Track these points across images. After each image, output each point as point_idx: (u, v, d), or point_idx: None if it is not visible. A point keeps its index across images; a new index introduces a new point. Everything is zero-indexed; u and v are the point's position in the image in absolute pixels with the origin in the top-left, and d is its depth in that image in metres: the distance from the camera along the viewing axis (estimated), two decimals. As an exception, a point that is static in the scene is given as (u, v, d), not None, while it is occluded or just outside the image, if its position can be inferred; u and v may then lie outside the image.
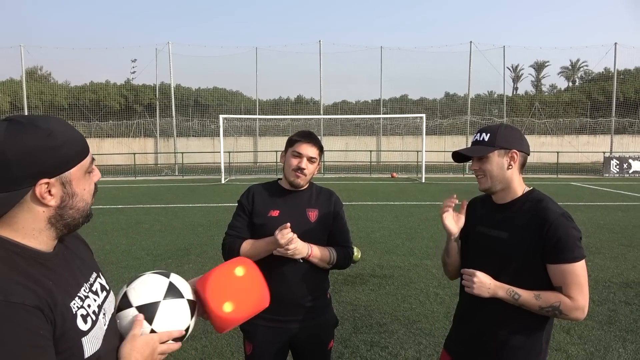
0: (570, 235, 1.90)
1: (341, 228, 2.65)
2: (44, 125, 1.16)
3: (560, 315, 1.92)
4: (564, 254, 1.89)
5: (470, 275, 2.03)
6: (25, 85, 31.36)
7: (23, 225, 1.19)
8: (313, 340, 2.58)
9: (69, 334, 1.15)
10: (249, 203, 2.57)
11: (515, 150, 2.03)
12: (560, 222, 1.91)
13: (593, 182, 21.54)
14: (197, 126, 35.76)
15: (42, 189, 1.16)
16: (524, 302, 1.95)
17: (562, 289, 1.92)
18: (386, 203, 14.36)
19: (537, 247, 1.94)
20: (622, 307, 5.47)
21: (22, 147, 1.11)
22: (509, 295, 1.96)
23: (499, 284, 1.99)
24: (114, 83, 40.05)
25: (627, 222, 10.97)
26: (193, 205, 13.98)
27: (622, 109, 35.04)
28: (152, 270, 1.68)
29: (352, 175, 26.21)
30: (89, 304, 1.27)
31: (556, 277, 1.93)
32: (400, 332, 4.85)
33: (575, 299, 1.90)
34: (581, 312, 1.92)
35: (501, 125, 2.10)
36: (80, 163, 1.23)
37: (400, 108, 39.21)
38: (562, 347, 4.46)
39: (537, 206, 2.00)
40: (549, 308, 1.92)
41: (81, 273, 1.33)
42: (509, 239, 2.01)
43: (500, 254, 2.03)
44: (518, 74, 63.01)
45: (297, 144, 2.52)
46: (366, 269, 7.07)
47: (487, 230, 2.11)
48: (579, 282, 1.90)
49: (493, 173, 2.05)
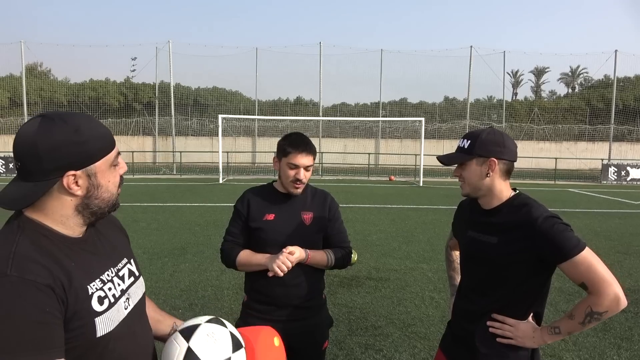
0: (561, 230, 1.87)
1: (338, 229, 2.66)
2: (72, 121, 1.27)
3: (603, 315, 1.85)
4: (566, 250, 1.85)
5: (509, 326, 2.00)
6: (24, 81, 31.31)
7: (53, 212, 1.30)
8: (307, 340, 2.58)
9: (81, 313, 1.24)
10: (244, 207, 2.58)
11: (493, 158, 2.01)
12: (548, 223, 1.89)
13: (591, 189, 21.56)
14: (196, 125, 35.72)
15: (69, 180, 1.27)
16: (566, 332, 1.94)
17: (585, 285, 1.87)
18: (383, 206, 14.37)
19: (527, 251, 1.92)
20: (617, 315, 5.43)
21: (52, 142, 1.22)
22: (552, 334, 1.95)
23: (538, 331, 1.97)
24: (113, 81, 40.04)
25: (623, 229, 10.98)
26: (190, 204, 13.96)
27: (621, 117, 35.10)
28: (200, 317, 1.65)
29: (350, 177, 26.22)
30: (110, 287, 1.36)
31: (573, 275, 1.88)
32: (395, 335, 4.84)
33: (601, 290, 1.83)
34: (617, 301, 1.84)
35: (483, 132, 2.06)
36: (105, 157, 1.33)
37: (399, 111, 39.24)
38: (557, 354, 4.46)
39: (521, 210, 1.98)
40: (588, 318, 1.87)
41: (109, 258, 1.44)
42: (497, 244, 2.00)
43: (490, 259, 2.02)
44: (518, 80, 63.16)
45: (292, 155, 2.47)
46: (362, 271, 7.07)
47: (477, 235, 2.11)
48: (595, 271, 1.84)
49: (471, 180, 2.06)
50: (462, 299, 2.22)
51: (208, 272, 6.90)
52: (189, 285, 6.31)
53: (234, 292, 6.01)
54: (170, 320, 1.73)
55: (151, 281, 6.40)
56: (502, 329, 2.00)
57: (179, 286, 6.25)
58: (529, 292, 2.01)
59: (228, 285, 6.30)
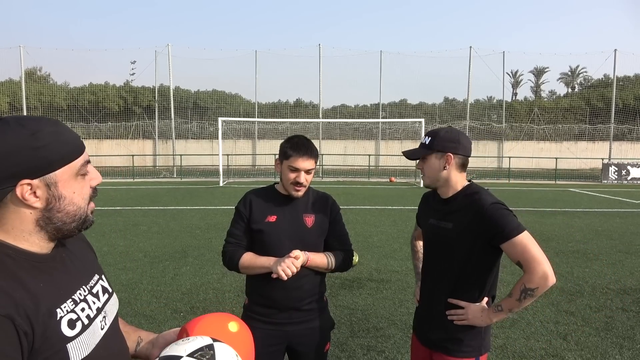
0: (504, 215, 2.14)
1: (339, 232, 2.66)
2: (30, 125, 1.13)
3: (535, 291, 2.09)
4: (507, 231, 2.10)
5: (461, 310, 2.27)
6: (24, 86, 31.39)
7: (13, 227, 1.16)
8: (309, 343, 2.57)
9: (51, 340, 1.11)
10: (247, 209, 2.57)
11: (449, 153, 2.27)
12: (493, 208, 2.16)
13: (591, 189, 21.54)
14: (196, 128, 35.74)
15: (23, 189, 1.12)
16: (507, 309, 2.17)
17: (520, 263, 2.11)
18: (384, 207, 14.37)
19: (476, 234, 2.18)
20: (619, 314, 5.46)
21: (3, 146, 1.08)
22: (497, 311, 2.20)
23: (486, 310, 2.23)
24: (113, 84, 40.02)
25: (625, 228, 10.98)
26: (191, 207, 13.96)
27: (621, 116, 35.12)
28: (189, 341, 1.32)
29: (351, 179, 26.24)
30: (84, 307, 1.24)
31: (511, 254, 2.12)
32: (397, 337, 4.84)
33: (533, 268, 2.07)
34: (545, 278, 2.07)
35: (441, 130, 2.34)
36: (68, 165, 1.18)
37: (399, 112, 39.25)
38: (559, 354, 4.45)
39: (472, 198, 2.25)
40: (523, 294, 2.11)
41: (80, 275, 1.30)
42: (452, 228, 2.27)
43: (447, 242, 2.30)
44: (517, 80, 63.13)
45: (292, 158, 2.47)
46: (364, 273, 7.07)
47: (436, 222, 2.38)
48: (530, 251, 2.08)
49: (430, 173, 2.34)
50: (424, 282, 2.50)
51: (209, 275, 6.90)
52: (190, 288, 6.31)
53: (235, 295, 6.00)
54: (135, 335, 1.58)
55: (152, 284, 6.40)
56: (456, 312, 2.28)
57: (180, 289, 6.24)
58: (480, 272, 2.26)
59: (229, 288, 6.29)
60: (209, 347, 1.28)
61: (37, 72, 43.12)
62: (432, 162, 2.31)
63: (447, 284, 2.31)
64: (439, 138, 2.29)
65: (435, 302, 2.37)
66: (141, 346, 1.56)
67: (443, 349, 2.33)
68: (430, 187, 2.41)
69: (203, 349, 1.26)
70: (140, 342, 1.56)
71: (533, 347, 4.60)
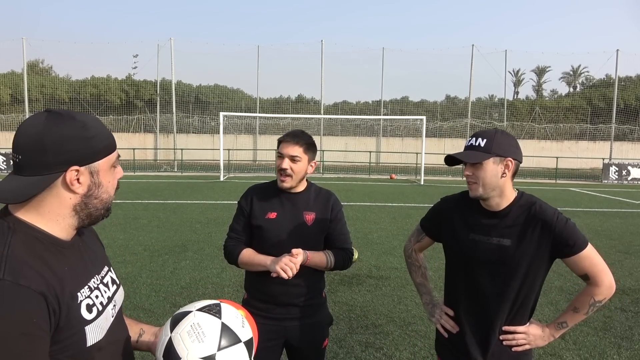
0: (573, 228, 2.00)
1: (340, 230, 2.64)
2: (80, 118, 1.26)
3: (603, 302, 2.03)
4: (576, 244, 1.97)
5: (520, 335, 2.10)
6: (26, 78, 31.33)
7: (49, 210, 1.25)
8: (307, 339, 2.58)
9: (72, 321, 1.20)
10: (248, 205, 2.57)
11: (510, 158, 2.01)
12: (560, 219, 2.00)
13: (591, 188, 21.56)
14: (197, 123, 35.73)
15: (72, 175, 1.23)
16: (572, 324, 2.09)
17: (587, 276, 2.01)
18: (384, 204, 14.37)
19: (544, 248, 2.00)
20: (617, 314, 5.47)
21: (59, 135, 1.20)
22: (560, 328, 2.11)
23: (546, 329, 2.11)
24: (115, 78, 39.96)
25: (624, 229, 10.98)
26: (191, 202, 13.97)
27: (622, 116, 35.06)
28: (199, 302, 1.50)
29: (351, 175, 26.23)
30: (97, 294, 1.33)
31: (578, 267, 2.01)
32: (395, 334, 4.85)
33: (601, 279, 1.99)
34: (612, 288, 2.01)
35: (497, 131, 2.06)
36: (108, 156, 1.32)
37: (400, 109, 39.20)
38: (557, 353, 4.46)
39: (532, 210, 2.04)
40: (592, 307, 2.03)
41: (93, 265, 1.40)
42: (512, 245, 2.02)
43: (507, 261, 2.03)
44: (519, 79, 63.01)
45: (281, 145, 2.50)
46: (363, 269, 7.08)
47: (485, 239, 2.07)
48: (597, 263, 1.99)
49: (486, 180, 2.01)
50: (467, 306, 2.18)
51: (208, 269, 6.91)
52: (189, 282, 6.32)
53: (234, 290, 6.01)
54: (137, 327, 1.63)
55: (152, 278, 6.41)
56: (515, 339, 2.09)
57: (180, 283, 6.25)
58: (535, 289, 2.09)
59: (228, 283, 6.30)
60: (216, 305, 1.46)
61: (39, 65, 43.12)
62: (489, 168, 2.00)
63: (504, 306, 2.07)
64: (497, 140, 2.00)
65: (487, 328, 2.11)
66: (142, 337, 1.62)
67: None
68: (483, 197, 2.06)
69: (210, 306, 1.44)
70: (142, 334, 1.62)
71: (531, 345, 4.61)
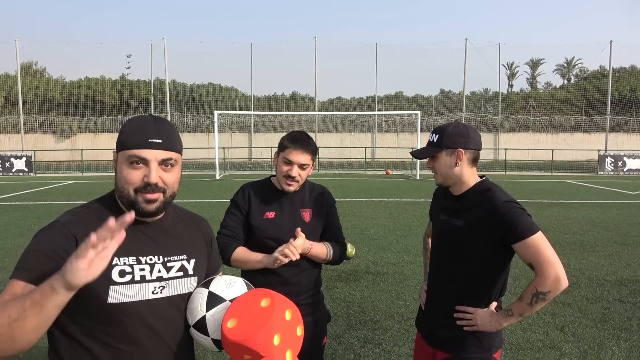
0: (517, 214, 2.04)
1: (335, 224, 2.65)
2: (135, 116, 1.58)
3: (547, 295, 2.02)
4: (519, 230, 2.02)
5: (470, 315, 2.20)
6: (20, 80, 31.29)
7: (116, 187, 1.56)
8: (307, 337, 2.55)
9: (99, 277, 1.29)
10: (246, 203, 2.53)
11: (460, 149, 2.18)
12: (506, 206, 2.06)
13: (588, 180, 21.60)
14: (192, 122, 35.69)
15: (114, 156, 1.56)
16: (517, 313, 2.10)
17: (532, 265, 2.03)
18: (381, 200, 14.37)
19: (488, 232, 2.10)
20: (616, 305, 5.47)
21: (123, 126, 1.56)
22: (507, 316, 2.13)
23: (494, 316, 2.16)
24: (108, 78, 39.88)
25: (621, 220, 11.00)
26: (187, 200, 13.90)
27: (617, 107, 35.20)
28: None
29: (347, 171, 26.22)
30: (144, 268, 1.51)
31: (523, 255, 2.05)
32: (394, 329, 4.84)
33: (545, 271, 2.00)
34: (558, 282, 2.00)
35: (449, 125, 2.25)
36: (124, 150, 1.50)
37: (395, 105, 39.25)
38: (556, 345, 4.46)
39: (484, 195, 2.16)
40: (535, 298, 2.03)
41: (162, 248, 1.58)
42: (463, 226, 2.19)
43: (457, 240, 2.21)
44: (513, 72, 62.99)
45: (288, 150, 2.45)
46: (360, 265, 7.06)
47: (447, 219, 2.29)
48: (543, 254, 2.00)
49: (442, 171, 2.25)
50: (431, 280, 2.42)
51: (206, 268, 6.85)
52: (186, 282, 6.26)
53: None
54: None
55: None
56: (464, 317, 2.21)
57: (177, 283, 6.19)
58: (489, 273, 2.18)
59: (226, 282, 6.26)
60: (232, 278, 1.72)
61: (32, 66, 42.99)
62: (442, 160, 2.22)
63: (454, 283, 2.24)
64: (447, 134, 2.20)
65: (443, 302, 2.30)
66: None
67: (449, 348, 2.26)
68: (443, 185, 2.31)
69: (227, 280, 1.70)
70: None
71: (530, 338, 4.61)
